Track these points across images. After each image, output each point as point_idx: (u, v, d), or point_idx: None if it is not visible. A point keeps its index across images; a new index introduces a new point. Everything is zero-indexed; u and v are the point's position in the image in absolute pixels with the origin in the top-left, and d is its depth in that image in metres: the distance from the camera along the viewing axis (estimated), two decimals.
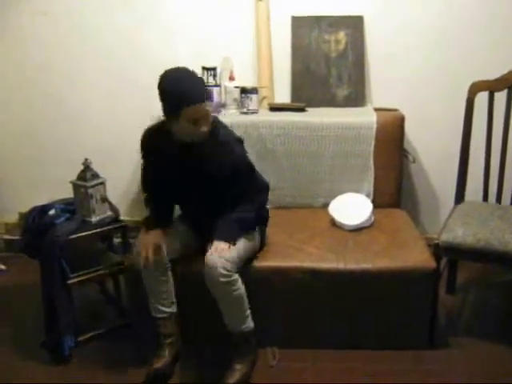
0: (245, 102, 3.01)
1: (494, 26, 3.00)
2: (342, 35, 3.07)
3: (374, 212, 2.76)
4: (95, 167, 2.61)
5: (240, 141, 2.41)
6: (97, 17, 3.16)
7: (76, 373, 2.44)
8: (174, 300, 2.40)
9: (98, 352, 2.57)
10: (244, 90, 3.01)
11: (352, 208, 2.75)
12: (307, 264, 2.44)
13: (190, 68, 2.24)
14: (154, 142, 2.42)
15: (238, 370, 2.27)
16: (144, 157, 2.48)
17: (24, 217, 2.63)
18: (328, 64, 3.08)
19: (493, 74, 2.69)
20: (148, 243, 2.33)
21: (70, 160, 2.79)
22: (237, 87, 3.04)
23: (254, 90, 3.01)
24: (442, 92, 3.12)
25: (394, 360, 2.45)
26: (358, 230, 2.70)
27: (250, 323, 2.33)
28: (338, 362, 2.39)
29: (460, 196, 2.84)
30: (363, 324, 2.51)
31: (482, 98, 2.72)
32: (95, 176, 2.60)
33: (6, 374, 2.43)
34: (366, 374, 2.38)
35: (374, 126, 2.89)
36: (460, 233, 2.44)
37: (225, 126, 2.42)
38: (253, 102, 3.01)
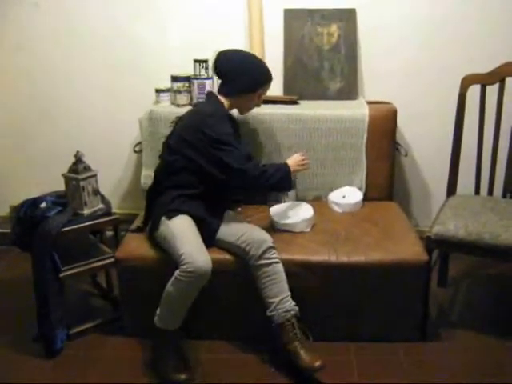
0: None
1: (486, 19, 3.00)
2: (334, 28, 3.07)
3: (312, 219, 2.70)
4: (87, 160, 2.60)
5: None
6: (89, 9, 3.14)
7: (68, 366, 2.43)
8: None
9: (91, 345, 2.56)
10: None
11: (292, 211, 2.72)
12: (299, 257, 2.45)
13: None
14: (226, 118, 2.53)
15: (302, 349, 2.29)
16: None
17: (15, 209, 2.62)
18: (320, 57, 3.08)
19: (485, 67, 2.69)
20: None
21: (62, 152, 2.78)
22: None
23: None
24: (435, 85, 3.12)
25: (386, 352, 2.47)
26: (344, 223, 2.72)
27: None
28: (330, 355, 2.39)
29: (452, 189, 2.85)
30: (355, 317, 2.52)
31: (474, 91, 2.72)
32: (87, 168, 2.58)
33: None
34: (358, 366, 2.39)
35: (367, 118, 2.89)
36: (452, 226, 2.45)
37: None
38: None
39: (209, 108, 2.50)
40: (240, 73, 2.50)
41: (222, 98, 2.55)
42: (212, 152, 2.40)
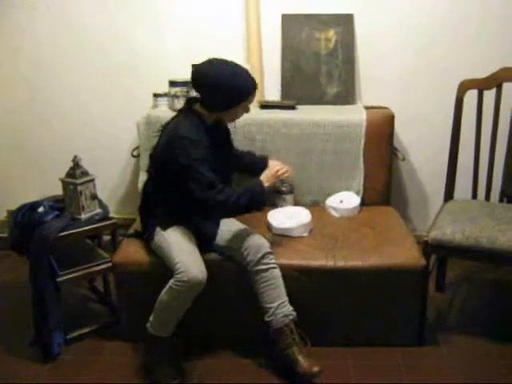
0: None
1: (483, 25, 3.01)
2: (332, 33, 3.08)
3: (310, 223, 2.70)
4: (85, 164, 2.60)
5: None
6: (88, 13, 3.14)
7: (65, 370, 2.43)
8: None
9: (88, 349, 2.56)
10: None
11: (289, 216, 2.70)
12: (297, 262, 2.45)
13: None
14: (202, 137, 2.31)
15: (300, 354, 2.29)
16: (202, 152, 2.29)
17: (12, 214, 2.62)
18: (318, 62, 3.09)
19: (482, 72, 2.70)
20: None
21: (60, 157, 2.78)
22: None
23: None
24: (432, 90, 3.13)
25: (383, 357, 2.47)
26: (342, 228, 2.72)
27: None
28: (327, 359, 2.39)
29: (449, 193, 2.86)
30: (353, 321, 2.52)
31: (471, 96, 2.73)
32: (85, 173, 2.58)
33: None
34: (355, 371, 2.39)
35: (364, 123, 2.89)
36: (449, 230, 2.45)
37: None
38: None
39: (184, 124, 2.32)
40: (218, 89, 2.24)
41: (202, 111, 2.35)
42: (180, 175, 2.28)
